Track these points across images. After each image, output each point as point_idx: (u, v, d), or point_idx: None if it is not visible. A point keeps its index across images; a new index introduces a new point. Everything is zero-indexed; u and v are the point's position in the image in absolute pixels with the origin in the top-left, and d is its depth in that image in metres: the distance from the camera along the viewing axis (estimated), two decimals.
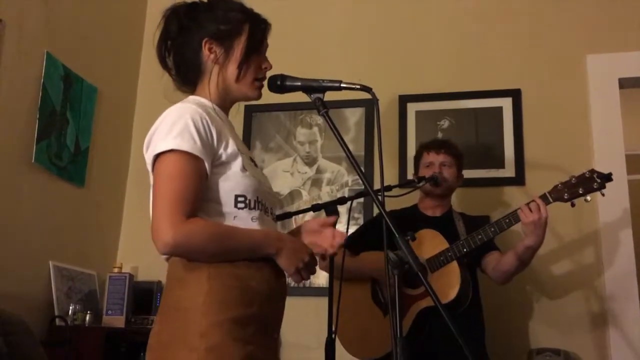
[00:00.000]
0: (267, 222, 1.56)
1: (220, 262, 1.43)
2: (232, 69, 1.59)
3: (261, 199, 1.54)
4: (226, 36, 1.59)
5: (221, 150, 1.48)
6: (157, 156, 1.44)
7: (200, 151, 1.43)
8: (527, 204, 2.35)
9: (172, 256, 1.45)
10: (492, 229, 2.40)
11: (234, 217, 1.48)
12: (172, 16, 1.63)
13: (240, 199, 1.48)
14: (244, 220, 1.48)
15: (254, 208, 1.51)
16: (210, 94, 1.60)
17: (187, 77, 1.64)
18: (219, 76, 1.59)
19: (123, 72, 3.56)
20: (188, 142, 1.42)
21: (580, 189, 2.35)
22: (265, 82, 1.64)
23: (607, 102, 3.08)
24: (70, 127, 3.06)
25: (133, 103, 3.64)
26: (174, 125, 1.43)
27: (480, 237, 2.41)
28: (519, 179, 3.08)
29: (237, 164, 1.50)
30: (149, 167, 1.49)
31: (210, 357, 1.36)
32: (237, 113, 1.70)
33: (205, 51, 1.59)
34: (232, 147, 1.50)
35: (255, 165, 1.63)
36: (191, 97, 1.60)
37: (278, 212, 1.72)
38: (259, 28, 1.62)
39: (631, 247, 2.91)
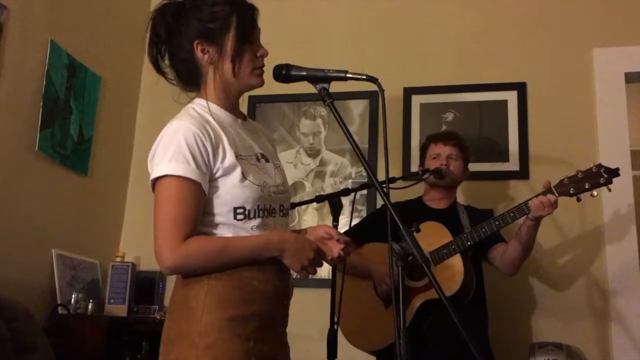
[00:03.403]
0: (273, 223, 1.56)
1: None
2: (227, 66, 1.56)
3: (263, 205, 1.53)
4: (216, 34, 1.55)
5: (218, 165, 1.48)
6: (155, 181, 1.48)
7: (194, 173, 1.44)
8: (537, 196, 2.33)
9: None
10: (497, 223, 2.39)
11: (234, 227, 1.50)
12: (159, 18, 1.58)
13: (239, 210, 1.50)
14: (244, 230, 1.50)
15: (254, 217, 1.51)
16: (211, 95, 1.58)
17: (190, 80, 1.61)
18: (216, 76, 1.57)
19: (127, 62, 3.55)
20: (182, 165, 1.44)
21: (587, 184, 2.32)
22: (271, 72, 1.60)
23: (613, 97, 3.06)
24: (74, 116, 3.06)
25: (137, 92, 3.63)
26: (167, 148, 1.46)
27: (484, 230, 2.40)
28: (523, 173, 3.06)
29: (236, 174, 1.49)
30: (151, 188, 1.52)
31: (208, 354, 1.41)
32: (241, 103, 1.68)
33: (198, 53, 1.55)
34: (229, 158, 1.49)
35: (267, 160, 1.61)
36: (196, 100, 1.60)
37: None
38: (246, 17, 1.58)
39: (635, 242, 2.90)
